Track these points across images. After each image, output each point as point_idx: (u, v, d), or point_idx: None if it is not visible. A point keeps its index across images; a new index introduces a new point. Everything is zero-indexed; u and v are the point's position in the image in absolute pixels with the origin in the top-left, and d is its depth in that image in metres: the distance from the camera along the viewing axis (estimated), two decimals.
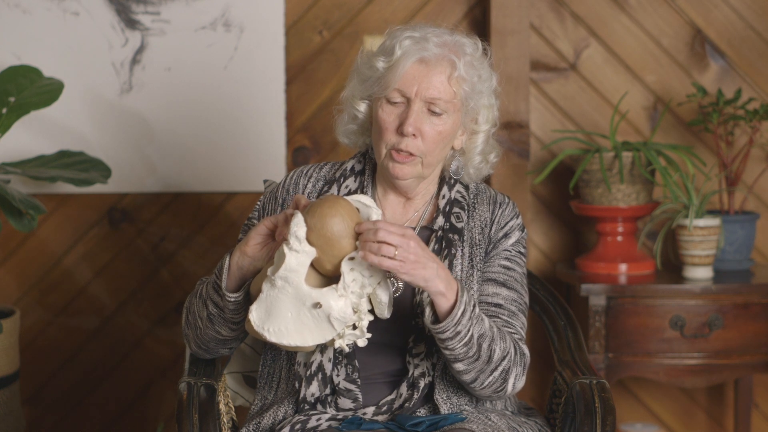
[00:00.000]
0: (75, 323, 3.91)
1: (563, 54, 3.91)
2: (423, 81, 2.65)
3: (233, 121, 3.84)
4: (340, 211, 2.47)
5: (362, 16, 3.87)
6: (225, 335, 2.70)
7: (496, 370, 2.63)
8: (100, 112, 3.82)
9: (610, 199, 3.69)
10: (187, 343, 2.79)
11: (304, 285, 2.47)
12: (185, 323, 2.77)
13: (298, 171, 2.84)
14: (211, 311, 2.66)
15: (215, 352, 2.78)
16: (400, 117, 2.66)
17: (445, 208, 2.77)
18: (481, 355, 2.59)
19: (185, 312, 2.77)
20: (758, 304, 3.60)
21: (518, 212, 2.82)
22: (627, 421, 3.98)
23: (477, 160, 2.78)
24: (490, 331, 2.60)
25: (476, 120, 2.74)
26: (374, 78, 2.69)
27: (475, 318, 2.57)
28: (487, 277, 2.76)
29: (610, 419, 2.70)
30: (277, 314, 2.49)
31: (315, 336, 2.49)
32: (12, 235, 3.85)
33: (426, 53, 2.65)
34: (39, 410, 3.92)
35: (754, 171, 3.93)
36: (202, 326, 2.70)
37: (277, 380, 2.76)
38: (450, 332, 2.54)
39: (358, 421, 2.63)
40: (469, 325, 2.55)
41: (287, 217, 2.51)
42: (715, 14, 3.91)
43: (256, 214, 2.83)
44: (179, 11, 3.81)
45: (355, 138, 2.81)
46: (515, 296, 2.75)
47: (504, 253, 2.78)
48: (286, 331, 2.49)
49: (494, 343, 2.61)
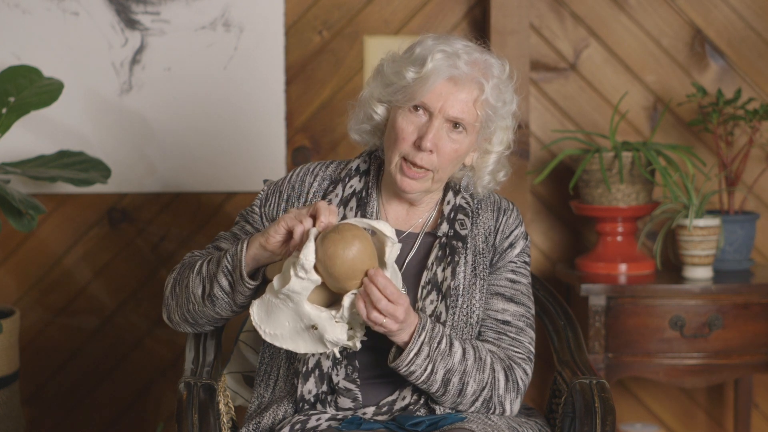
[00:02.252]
0: (75, 323, 3.91)
1: (563, 54, 3.91)
2: (449, 99, 2.64)
3: (233, 121, 3.83)
4: (352, 251, 2.46)
5: (362, 16, 3.87)
6: (223, 315, 2.70)
7: (477, 401, 2.67)
8: (100, 112, 3.82)
9: (610, 199, 3.69)
10: (166, 312, 2.77)
11: (305, 305, 2.51)
12: (169, 293, 2.75)
13: (304, 168, 2.83)
14: (214, 293, 2.65)
15: (202, 327, 2.77)
16: (420, 130, 2.65)
17: (450, 215, 2.76)
18: (449, 390, 2.64)
19: (171, 283, 2.75)
20: (758, 304, 3.60)
21: (522, 219, 2.83)
22: (627, 421, 3.98)
23: (486, 179, 2.78)
24: (461, 365, 2.63)
25: (490, 140, 2.74)
26: (399, 86, 2.68)
27: (440, 354, 2.61)
28: (495, 291, 2.77)
29: (609, 419, 2.70)
30: (275, 319, 2.54)
31: (308, 347, 2.55)
32: (12, 235, 3.85)
33: (456, 72, 2.64)
34: (39, 410, 3.92)
35: (754, 171, 3.93)
36: (197, 303, 2.68)
37: (275, 379, 2.76)
38: (403, 370, 2.60)
39: (358, 421, 2.63)
40: (426, 363, 2.59)
41: (303, 230, 2.51)
42: (715, 14, 3.91)
43: (258, 203, 2.82)
44: (179, 11, 3.81)
45: (367, 137, 2.80)
46: (523, 311, 2.77)
47: (510, 265, 2.79)
48: (281, 336, 2.55)
49: (466, 376, 2.64)
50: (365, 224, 2.53)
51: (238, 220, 2.84)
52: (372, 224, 2.53)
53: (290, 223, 2.54)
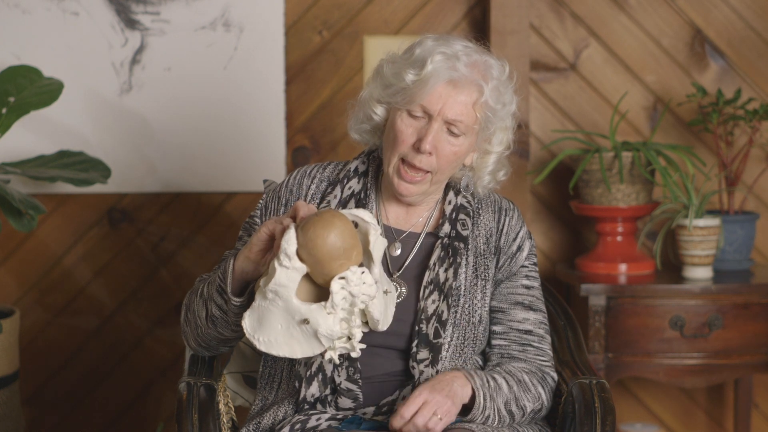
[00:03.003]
0: (75, 323, 3.91)
1: (563, 54, 3.91)
2: (448, 101, 2.64)
3: (233, 121, 3.83)
4: (333, 231, 2.43)
5: (362, 16, 3.87)
6: (227, 336, 2.70)
7: (538, 414, 2.75)
8: (100, 112, 3.82)
9: (610, 199, 3.69)
10: (185, 340, 2.79)
11: (294, 299, 2.47)
12: (184, 321, 2.76)
13: (301, 171, 2.82)
14: (213, 313, 2.65)
15: (215, 350, 2.78)
16: (419, 133, 2.65)
17: (452, 215, 2.76)
18: (515, 415, 2.69)
19: (184, 309, 2.76)
20: (758, 304, 3.60)
21: (523, 219, 2.84)
22: (627, 421, 3.98)
23: (486, 179, 2.79)
24: (510, 393, 2.68)
25: (490, 140, 2.75)
26: (398, 88, 2.68)
27: (494, 391, 2.65)
28: (515, 301, 2.79)
29: (609, 419, 2.70)
30: (267, 325, 2.49)
31: (304, 349, 2.50)
32: (12, 235, 3.85)
33: (456, 74, 2.64)
34: (39, 410, 3.92)
35: (754, 171, 3.93)
36: (203, 326, 2.69)
37: (278, 381, 2.76)
38: (480, 419, 2.64)
39: (358, 421, 2.63)
40: (492, 404, 2.64)
41: (284, 228, 2.49)
42: (715, 14, 3.91)
43: (258, 213, 2.82)
44: (179, 11, 3.81)
45: (367, 137, 2.80)
46: (541, 317, 2.81)
47: (522, 270, 2.81)
48: (275, 342, 2.50)
49: (521, 400, 2.70)
50: (345, 214, 2.51)
51: (242, 234, 2.82)
52: (352, 212, 2.51)
53: (271, 226, 2.53)
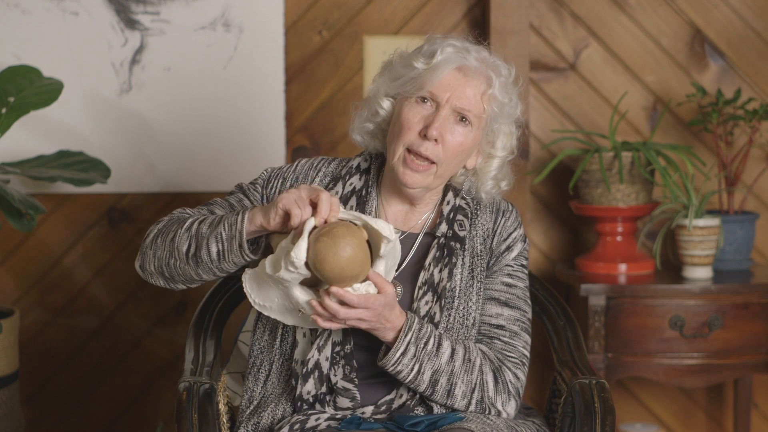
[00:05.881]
0: (75, 323, 3.91)
1: (563, 54, 3.92)
2: (457, 89, 2.66)
3: (233, 121, 3.84)
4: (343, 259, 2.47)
5: (362, 16, 3.87)
6: (204, 278, 2.68)
7: (471, 403, 2.68)
8: (100, 112, 3.82)
9: (610, 199, 3.69)
10: (140, 259, 2.71)
11: (295, 290, 2.54)
12: (150, 243, 2.69)
13: (309, 162, 2.83)
14: (200, 255, 2.62)
15: (175, 284, 2.72)
16: (426, 120, 2.66)
17: (449, 215, 2.76)
18: (437, 390, 2.65)
19: (154, 232, 2.69)
20: (758, 304, 3.60)
21: (520, 221, 2.83)
22: (627, 421, 3.98)
23: (489, 185, 2.79)
24: (448, 366, 2.64)
25: (494, 144, 2.75)
26: (408, 77, 2.69)
27: (427, 355, 2.62)
28: (490, 296, 2.77)
29: (609, 419, 2.70)
30: (265, 293, 2.59)
31: (296, 321, 2.61)
32: (11, 235, 3.85)
33: (466, 62, 2.67)
34: (38, 410, 3.92)
35: (754, 171, 3.93)
36: (180, 259, 2.65)
37: (266, 374, 2.75)
38: (390, 369, 2.62)
39: (357, 421, 2.63)
40: (413, 363, 2.61)
41: (302, 222, 2.51)
42: (715, 14, 3.91)
43: (261, 182, 2.81)
44: (179, 11, 3.81)
45: (368, 138, 2.80)
46: (518, 315, 2.77)
47: (506, 269, 2.79)
48: (269, 308, 2.61)
49: (454, 377, 2.65)
50: (365, 221, 2.54)
51: (236, 191, 2.81)
52: (370, 223, 2.53)
53: (288, 205, 2.53)
